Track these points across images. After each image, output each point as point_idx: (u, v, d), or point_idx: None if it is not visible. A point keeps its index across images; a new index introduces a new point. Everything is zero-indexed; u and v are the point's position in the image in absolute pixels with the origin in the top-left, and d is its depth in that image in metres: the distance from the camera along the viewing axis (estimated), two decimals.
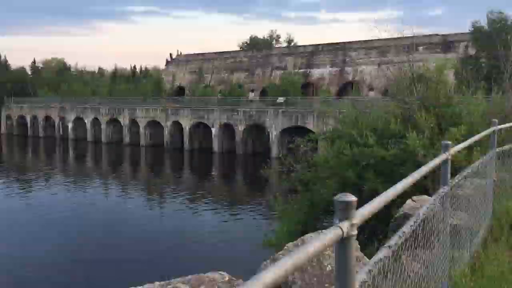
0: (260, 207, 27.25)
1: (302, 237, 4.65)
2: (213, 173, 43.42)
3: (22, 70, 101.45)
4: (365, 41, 61.96)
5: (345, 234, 1.59)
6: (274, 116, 47.41)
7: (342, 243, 1.62)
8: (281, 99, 51.20)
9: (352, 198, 1.66)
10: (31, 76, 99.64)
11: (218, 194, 31.77)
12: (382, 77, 45.19)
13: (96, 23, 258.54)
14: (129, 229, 22.53)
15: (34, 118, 76.05)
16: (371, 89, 58.48)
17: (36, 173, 40.56)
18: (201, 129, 55.25)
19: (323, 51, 67.85)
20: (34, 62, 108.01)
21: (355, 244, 1.70)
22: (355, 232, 1.65)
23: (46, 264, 17.87)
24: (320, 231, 4.61)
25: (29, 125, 77.03)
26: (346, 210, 1.64)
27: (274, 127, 47.21)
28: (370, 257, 4.06)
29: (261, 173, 17.32)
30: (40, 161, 50.88)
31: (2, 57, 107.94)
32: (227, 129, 52.02)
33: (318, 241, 1.47)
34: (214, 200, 29.31)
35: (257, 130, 50.31)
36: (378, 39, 45.88)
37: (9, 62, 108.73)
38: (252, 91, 69.24)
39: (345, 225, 1.60)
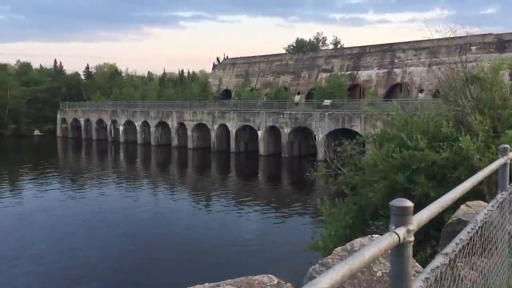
0: (306, 210, 27.09)
1: (351, 242, 4.57)
2: (259, 175, 43.58)
3: (76, 75, 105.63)
4: (414, 42, 60.53)
5: (401, 241, 1.55)
6: (320, 118, 47.07)
7: (399, 249, 1.57)
8: (327, 102, 50.79)
9: (409, 203, 1.61)
10: (84, 80, 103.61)
11: (264, 197, 31.84)
12: (432, 79, 43.91)
13: (145, 28, 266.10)
14: (177, 230, 22.94)
15: (88, 121, 78.96)
16: (420, 90, 56.95)
17: (89, 174, 42.10)
18: (247, 131, 55.60)
19: (371, 53, 66.76)
20: (87, 67, 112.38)
21: (411, 251, 1.64)
22: (412, 238, 1.60)
23: (95, 263, 18.46)
24: (370, 236, 4.53)
25: (82, 128, 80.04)
26: (402, 216, 1.59)
27: (320, 130, 46.86)
28: (421, 263, 3.94)
29: (307, 176, 17.20)
30: (93, 163, 52.77)
31: (58, 63, 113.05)
32: (273, 132, 52.10)
33: (375, 247, 1.44)
34: (260, 202, 29.39)
35: (303, 133, 50.11)
36: (428, 39, 44.51)
37: (64, 67, 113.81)
38: (298, 93, 69.09)
39: (401, 231, 1.56)
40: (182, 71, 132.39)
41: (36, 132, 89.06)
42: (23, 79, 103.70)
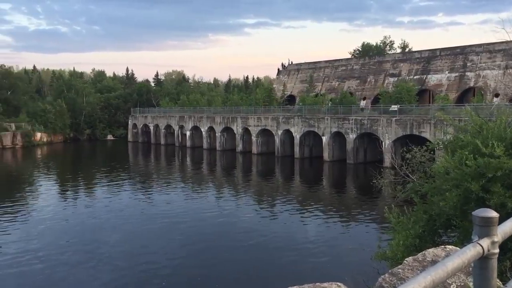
0: (371, 218, 26.46)
1: (423, 252, 4.43)
2: (323, 181, 43.14)
3: (146, 82, 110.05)
4: (489, 44, 57.63)
5: (485, 253, 1.48)
6: (387, 124, 45.87)
7: (483, 261, 1.50)
8: (394, 107, 49.45)
9: (494, 213, 1.54)
10: (154, 87, 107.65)
11: (328, 203, 31.47)
12: (509, 82, 41.55)
13: (211, 36, 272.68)
14: (241, 234, 23.15)
15: (156, 126, 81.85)
16: (496, 95, 54.02)
17: (158, 178, 43.60)
18: (312, 137, 55.28)
19: (441, 56, 64.29)
20: (157, 74, 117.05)
21: (496, 264, 1.57)
22: (496, 250, 1.53)
23: (162, 263, 19.02)
24: (443, 246, 4.37)
25: (152, 133, 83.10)
26: (487, 226, 1.52)
27: (387, 135, 45.67)
28: (498, 277, 3.72)
29: (373, 182, 16.83)
30: (161, 167, 54.58)
31: (130, 71, 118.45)
32: (338, 138, 51.44)
33: (457, 258, 1.39)
34: (324, 208, 29.08)
35: (369, 139, 49.07)
36: (503, 41, 42.22)
37: (136, 75, 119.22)
38: (364, 99, 67.85)
39: (485, 242, 1.49)
40: (247, 77, 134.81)
41: (109, 137, 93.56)
42: (98, 86, 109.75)
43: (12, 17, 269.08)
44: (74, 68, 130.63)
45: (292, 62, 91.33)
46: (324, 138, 52.09)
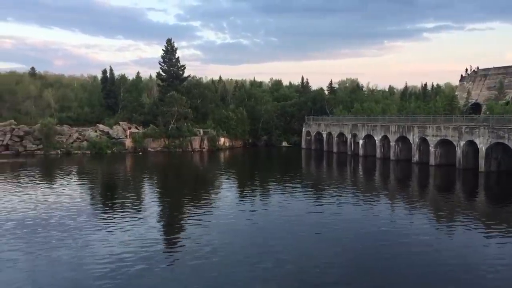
0: None
1: None
2: None
3: (320, 90, 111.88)
4: None
5: None
6: None
7: None
8: None
9: None
10: (328, 95, 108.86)
11: None
12: None
13: (386, 43, 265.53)
14: (416, 253, 21.79)
15: (329, 134, 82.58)
16: None
17: (329, 186, 43.79)
18: (500, 150, 49.73)
19: None
20: (330, 83, 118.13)
21: None
22: None
23: (324, 277, 18.93)
24: None
25: (324, 140, 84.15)
26: None
27: None
28: None
29: None
30: (333, 175, 54.76)
31: (304, 80, 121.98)
32: None
33: None
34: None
35: None
36: None
37: (310, 83, 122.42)
38: None
39: None
40: (425, 84, 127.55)
41: (284, 144, 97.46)
42: (275, 95, 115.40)
43: (202, 33, 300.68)
44: (254, 78, 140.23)
45: (478, 67, 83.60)
46: None
